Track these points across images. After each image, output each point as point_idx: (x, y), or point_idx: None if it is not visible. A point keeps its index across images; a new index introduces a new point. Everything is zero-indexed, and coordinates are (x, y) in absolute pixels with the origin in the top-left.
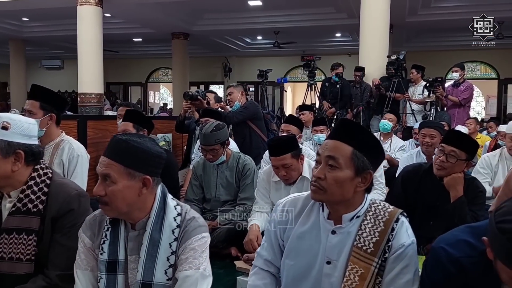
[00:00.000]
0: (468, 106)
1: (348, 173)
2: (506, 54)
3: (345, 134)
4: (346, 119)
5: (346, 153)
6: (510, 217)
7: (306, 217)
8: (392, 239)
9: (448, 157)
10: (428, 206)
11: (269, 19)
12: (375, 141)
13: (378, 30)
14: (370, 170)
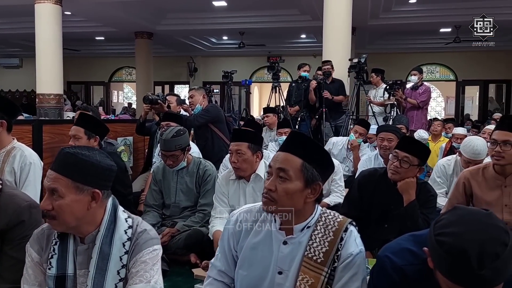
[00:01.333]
0: (426, 108)
1: (298, 185)
2: (463, 56)
3: (295, 147)
4: (297, 131)
5: (296, 165)
6: (448, 230)
7: (258, 228)
8: (341, 248)
9: (401, 162)
10: (383, 209)
11: (234, 20)
12: (324, 154)
13: (340, 33)
14: (319, 182)
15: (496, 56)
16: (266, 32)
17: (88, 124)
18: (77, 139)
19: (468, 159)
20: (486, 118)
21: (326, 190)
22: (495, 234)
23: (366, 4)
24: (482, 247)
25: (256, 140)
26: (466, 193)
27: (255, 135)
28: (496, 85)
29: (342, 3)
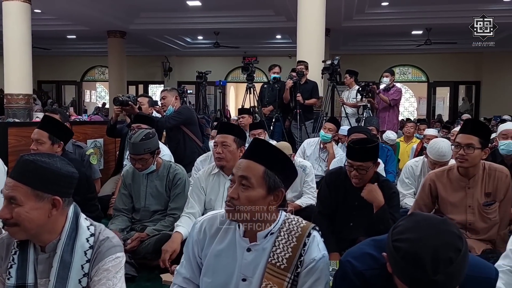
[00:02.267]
0: (398, 108)
1: (261, 192)
2: (434, 58)
3: (258, 154)
4: (259, 139)
5: (258, 172)
6: (404, 236)
7: (223, 235)
8: (304, 254)
9: (358, 171)
10: (349, 206)
11: (209, 20)
12: (286, 160)
13: (314, 34)
14: (281, 188)
15: (466, 58)
16: (241, 32)
17: (53, 128)
18: (40, 143)
19: (434, 161)
20: (456, 119)
21: (298, 191)
22: (449, 240)
23: (339, 6)
24: (436, 252)
25: (241, 136)
26: (431, 194)
27: (240, 131)
28: (466, 86)
29: (315, 4)
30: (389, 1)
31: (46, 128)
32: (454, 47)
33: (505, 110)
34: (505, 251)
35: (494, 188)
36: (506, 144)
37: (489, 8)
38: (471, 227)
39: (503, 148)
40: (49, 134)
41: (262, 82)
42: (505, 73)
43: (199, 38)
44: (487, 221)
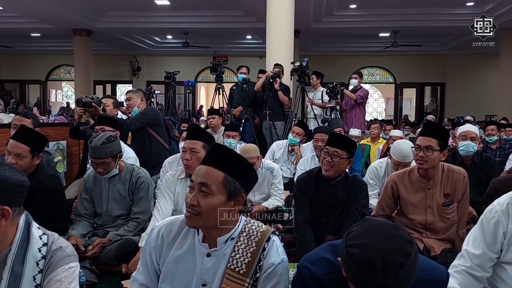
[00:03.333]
0: (364, 108)
1: (221, 199)
2: (401, 60)
3: (217, 160)
4: (218, 144)
5: (218, 179)
6: (357, 242)
7: (182, 240)
8: (263, 258)
9: (332, 157)
10: (322, 205)
11: (178, 19)
12: (246, 165)
13: (283, 35)
14: (242, 193)
15: (431, 60)
16: (211, 32)
17: (33, 140)
18: (21, 158)
19: (397, 162)
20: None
21: (265, 193)
22: (399, 245)
23: (308, 7)
24: (386, 258)
25: (210, 141)
26: (393, 195)
27: (209, 136)
28: (431, 87)
29: (284, 5)
30: (357, 4)
31: (25, 141)
32: (420, 49)
33: (468, 111)
34: (461, 251)
35: (452, 189)
36: (465, 145)
37: (453, 12)
38: (431, 227)
39: (463, 149)
40: (30, 148)
41: (234, 82)
42: (468, 74)
43: (168, 37)
44: (446, 221)
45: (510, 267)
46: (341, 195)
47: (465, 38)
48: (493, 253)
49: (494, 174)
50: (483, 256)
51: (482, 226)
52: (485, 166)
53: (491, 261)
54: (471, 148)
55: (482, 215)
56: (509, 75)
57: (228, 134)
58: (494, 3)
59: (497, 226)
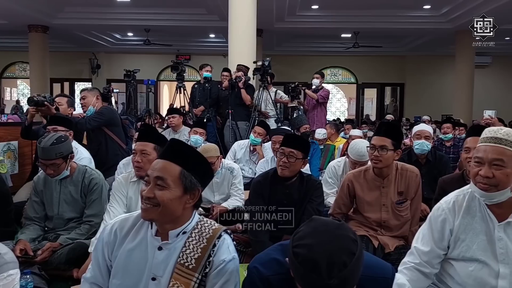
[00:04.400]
0: (325, 108)
1: (177, 192)
2: (362, 61)
3: (174, 154)
4: (176, 139)
5: (174, 173)
6: (303, 242)
7: (134, 235)
8: (213, 255)
9: (288, 157)
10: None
11: (139, 16)
12: (202, 161)
13: (246, 34)
14: (198, 188)
15: (391, 61)
16: (173, 30)
17: None
18: None
19: (355, 161)
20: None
21: (225, 194)
22: (343, 244)
23: (271, 7)
24: (331, 257)
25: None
26: (350, 194)
27: (161, 137)
28: (391, 87)
29: (246, 5)
30: (319, 5)
31: None
32: (380, 50)
33: (426, 111)
34: (411, 248)
35: (406, 187)
36: (419, 143)
37: (411, 15)
38: (385, 224)
39: (417, 148)
40: None
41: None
42: (426, 75)
43: (129, 34)
44: (399, 219)
45: (457, 263)
46: (296, 194)
47: (423, 39)
48: (441, 249)
49: (447, 171)
50: (431, 253)
51: (430, 223)
52: (438, 164)
53: (439, 258)
54: (425, 146)
55: (430, 213)
56: (464, 76)
57: (196, 131)
58: (449, 6)
59: (444, 224)
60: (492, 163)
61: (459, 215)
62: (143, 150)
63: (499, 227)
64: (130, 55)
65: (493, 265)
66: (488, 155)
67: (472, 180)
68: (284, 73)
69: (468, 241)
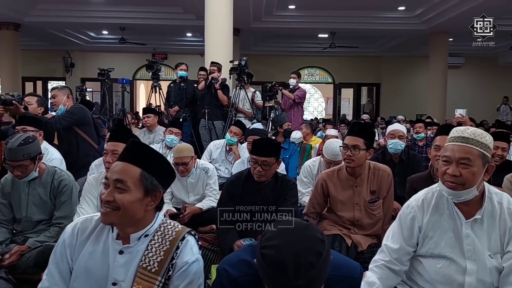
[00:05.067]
0: (302, 107)
1: (137, 195)
2: (339, 61)
3: (134, 156)
4: (136, 141)
5: (134, 175)
6: (271, 243)
7: (95, 237)
8: (176, 257)
9: (262, 166)
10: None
11: (114, 14)
12: (163, 162)
13: (222, 33)
14: (159, 189)
15: (367, 61)
16: (149, 29)
17: None
18: None
19: (329, 160)
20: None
21: (200, 194)
22: (311, 245)
23: (247, 7)
24: (298, 258)
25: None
26: (323, 193)
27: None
28: (368, 87)
29: (222, 4)
30: (296, 5)
31: None
32: (356, 50)
33: (402, 110)
34: (381, 246)
35: (378, 186)
36: (393, 143)
37: (386, 16)
38: (358, 223)
39: (391, 147)
40: None
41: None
42: (402, 75)
43: (104, 33)
44: (372, 217)
45: (425, 260)
46: (271, 195)
47: (398, 40)
48: (410, 247)
49: (419, 170)
50: (400, 250)
51: (400, 221)
52: (411, 163)
53: (408, 255)
54: (399, 146)
55: (400, 211)
56: (437, 76)
57: (171, 131)
58: (423, 7)
59: (413, 221)
60: (459, 162)
61: (427, 213)
62: (114, 150)
63: (466, 224)
64: (105, 54)
65: (460, 262)
66: (456, 154)
67: (440, 178)
68: (261, 72)
69: (436, 238)
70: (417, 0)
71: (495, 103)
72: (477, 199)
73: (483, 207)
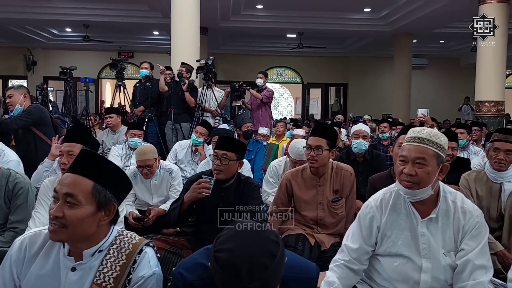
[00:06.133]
0: (270, 107)
1: (90, 209)
2: (307, 61)
3: (86, 168)
4: (88, 150)
5: (86, 188)
6: (224, 246)
7: (45, 254)
8: (133, 272)
9: (221, 160)
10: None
11: (77, 11)
12: (118, 173)
13: (189, 32)
14: (113, 203)
15: (334, 61)
16: (114, 27)
17: None
18: None
19: (295, 160)
20: (327, 118)
21: (164, 196)
22: (264, 247)
23: (215, 5)
24: (251, 260)
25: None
26: (288, 193)
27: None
28: (335, 87)
29: (189, 2)
30: (264, 4)
31: None
32: (324, 51)
33: (368, 110)
34: (341, 246)
35: (341, 185)
36: (357, 143)
37: (353, 17)
38: (322, 222)
39: (355, 147)
40: None
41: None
42: (368, 76)
43: (67, 30)
44: (335, 216)
45: (383, 258)
46: (232, 197)
47: (365, 41)
48: (369, 246)
49: (383, 169)
50: (360, 250)
51: (359, 221)
52: (375, 162)
53: (367, 254)
54: (363, 146)
55: (359, 211)
56: (401, 77)
57: (133, 133)
58: (388, 9)
59: (372, 221)
60: (415, 161)
61: (385, 212)
62: (70, 151)
63: (422, 223)
64: (68, 52)
65: (416, 260)
66: (411, 154)
67: (397, 178)
68: (230, 72)
69: (394, 237)
70: (382, 2)
71: (457, 103)
72: (432, 198)
73: (438, 206)
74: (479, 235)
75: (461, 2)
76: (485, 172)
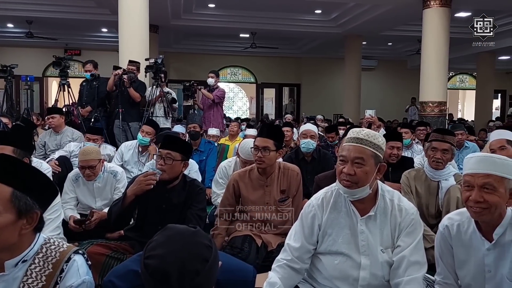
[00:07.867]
0: (221, 107)
1: (9, 217)
2: (261, 61)
3: (3, 173)
4: (5, 155)
5: (3, 195)
6: (155, 252)
7: None
8: (60, 281)
9: (165, 160)
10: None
11: (20, 7)
12: (40, 178)
13: (138, 30)
14: (36, 211)
15: (287, 62)
16: (60, 23)
17: None
18: None
19: (245, 160)
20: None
21: (108, 199)
22: (196, 252)
23: (165, 3)
24: (182, 266)
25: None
26: (235, 194)
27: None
28: (289, 88)
29: None
30: (216, 3)
31: None
32: (277, 51)
33: (321, 110)
34: (284, 246)
35: (287, 185)
36: (305, 142)
37: (304, 18)
38: (269, 222)
39: (304, 146)
40: None
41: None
42: (320, 76)
43: (8, 26)
44: (282, 216)
45: (324, 257)
46: (176, 199)
47: (316, 43)
48: (311, 245)
49: (330, 168)
50: (301, 249)
51: (301, 220)
52: (323, 161)
53: (309, 253)
54: (311, 145)
55: (302, 210)
56: (352, 78)
57: (88, 137)
58: (338, 11)
59: (313, 220)
60: (353, 161)
61: (326, 211)
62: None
63: (361, 221)
64: (11, 48)
65: (355, 257)
66: (351, 153)
67: (338, 177)
68: (183, 71)
69: (334, 235)
70: (332, 4)
71: (404, 103)
72: (371, 196)
73: (376, 204)
74: (414, 232)
75: (406, 7)
76: (424, 170)
